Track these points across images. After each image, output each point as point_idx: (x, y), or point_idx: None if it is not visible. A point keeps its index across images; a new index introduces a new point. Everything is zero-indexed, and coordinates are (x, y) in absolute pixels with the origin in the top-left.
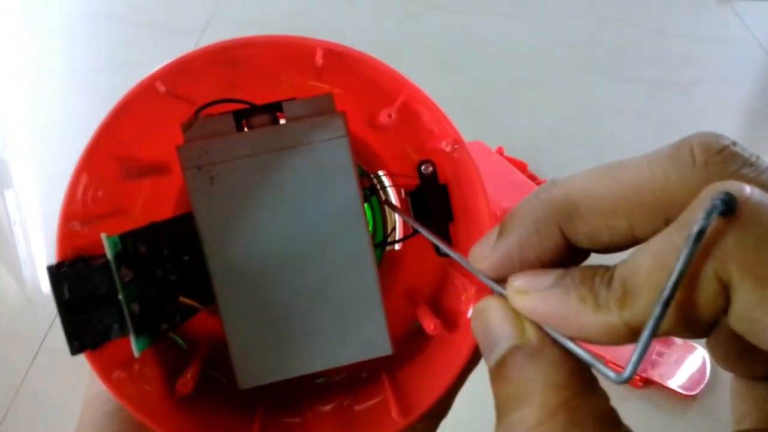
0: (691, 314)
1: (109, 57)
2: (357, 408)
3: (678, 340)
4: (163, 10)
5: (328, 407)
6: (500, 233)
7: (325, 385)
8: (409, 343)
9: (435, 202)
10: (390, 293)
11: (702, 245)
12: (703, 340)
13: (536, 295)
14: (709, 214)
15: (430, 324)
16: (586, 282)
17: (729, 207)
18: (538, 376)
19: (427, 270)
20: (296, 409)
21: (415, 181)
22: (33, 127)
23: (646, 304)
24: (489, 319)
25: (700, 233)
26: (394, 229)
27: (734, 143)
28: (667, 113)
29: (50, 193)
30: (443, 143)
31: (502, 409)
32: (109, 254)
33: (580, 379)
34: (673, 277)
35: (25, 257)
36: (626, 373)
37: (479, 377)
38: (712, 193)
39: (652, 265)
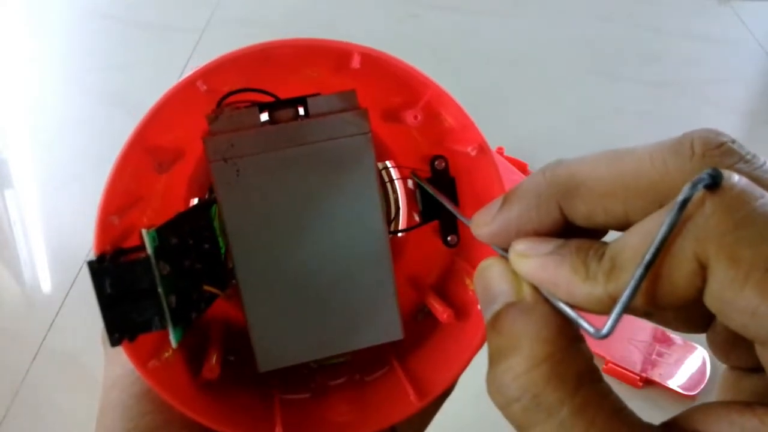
0: (668, 289)
1: (109, 57)
2: (369, 391)
3: (678, 340)
4: (163, 10)
5: (340, 387)
6: (503, 204)
7: (337, 368)
8: (413, 327)
9: (443, 194)
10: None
11: (685, 221)
12: (704, 340)
13: (535, 260)
14: (694, 185)
15: (443, 313)
16: (580, 254)
17: (715, 181)
18: (529, 330)
19: (430, 258)
20: (310, 387)
21: (424, 174)
22: (33, 126)
23: (630, 278)
24: (490, 276)
25: (684, 202)
26: (395, 217)
27: (733, 141)
28: (667, 113)
29: (50, 192)
30: (469, 148)
31: (493, 359)
32: (150, 249)
33: (566, 336)
34: (656, 243)
35: (25, 257)
36: (605, 329)
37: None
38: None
39: (639, 243)
